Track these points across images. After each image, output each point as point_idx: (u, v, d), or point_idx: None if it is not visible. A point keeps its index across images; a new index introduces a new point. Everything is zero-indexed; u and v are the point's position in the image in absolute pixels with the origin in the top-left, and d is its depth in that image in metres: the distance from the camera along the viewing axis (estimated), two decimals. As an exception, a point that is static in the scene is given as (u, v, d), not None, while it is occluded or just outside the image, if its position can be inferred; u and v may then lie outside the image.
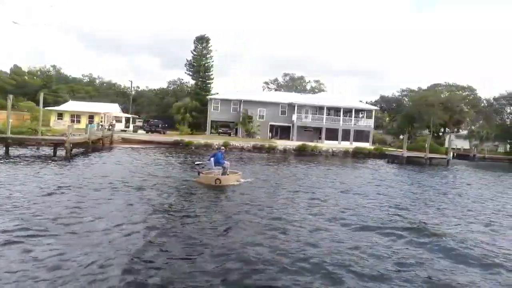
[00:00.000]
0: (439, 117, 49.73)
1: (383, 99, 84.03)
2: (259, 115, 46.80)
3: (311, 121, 46.60)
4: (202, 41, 51.69)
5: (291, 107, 46.69)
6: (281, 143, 38.34)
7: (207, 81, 53.51)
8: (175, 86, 73.73)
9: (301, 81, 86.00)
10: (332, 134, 45.65)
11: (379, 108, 72.08)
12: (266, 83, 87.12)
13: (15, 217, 7.83)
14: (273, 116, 47.45)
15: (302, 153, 35.15)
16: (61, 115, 45.68)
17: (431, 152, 36.00)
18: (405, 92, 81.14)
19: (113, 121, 44.30)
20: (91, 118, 45.27)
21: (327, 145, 40.46)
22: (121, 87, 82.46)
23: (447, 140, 45.92)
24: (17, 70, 70.92)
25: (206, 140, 36.22)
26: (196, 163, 17.26)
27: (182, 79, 72.20)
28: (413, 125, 53.35)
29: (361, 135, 46.07)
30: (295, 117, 45.80)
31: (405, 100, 78.36)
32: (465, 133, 54.50)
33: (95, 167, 16.89)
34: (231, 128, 46.92)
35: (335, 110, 48.11)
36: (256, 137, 43.55)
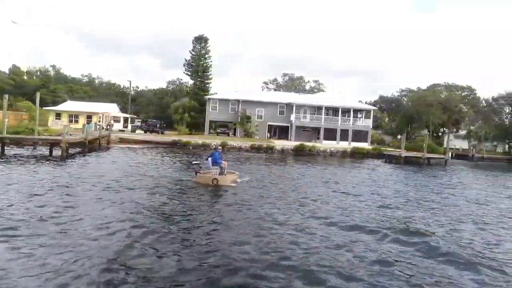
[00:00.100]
0: (437, 117, 49.68)
1: (382, 99, 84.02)
2: (258, 115, 46.75)
3: (309, 121, 46.58)
4: (200, 41, 51.67)
5: (290, 107, 46.66)
6: (279, 143, 38.33)
7: (206, 81, 53.50)
8: (174, 86, 73.82)
9: (300, 81, 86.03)
10: (330, 134, 45.63)
11: (378, 108, 72.07)
12: (265, 83, 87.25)
13: (1, 216, 7.81)
14: (271, 116, 47.41)
15: (300, 153, 35.13)
16: (59, 115, 45.69)
17: (430, 152, 35.94)
18: (404, 92, 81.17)
19: (111, 121, 44.35)
20: (89, 118, 45.25)
21: (325, 145, 40.45)
22: (121, 87, 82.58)
23: (446, 140, 45.87)
24: (15, 70, 70.98)
25: (204, 140, 36.22)
26: (193, 162, 17.26)
27: (181, 79, 72.35)
28: (412, 125, 53.29)
29: (359, 135, 46.04)
30: (293, 117, 45.77)
31: (404, 100, 78.34)
32: (464, 133, 54.42)
33: (90, 167, 16.88)
34: (229, 128, 46.88)
35: (333, 110, 48.09)
36: (254, 137, 43.49)
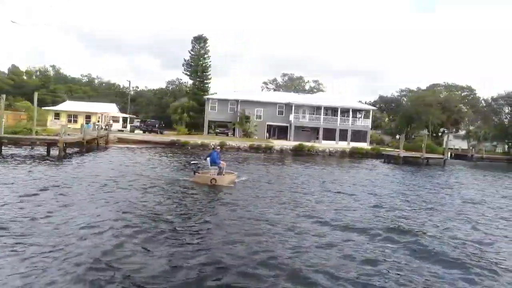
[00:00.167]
0: (437, 117, 49.61)
1: (382, 99, 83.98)
2: (257, 115, 46.69)
3: (308, 121, 46.56)
4: (199, 41, 51.62)
5: (289, 107, 46.62)
6: (278, 143, 38.30)
7: (205, 81, 53.46)
8: (174, 86, 73.80)
9: (300, 81, 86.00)
10: (329, 134, 45.59)
11: (378, 108, 72.02)
12: (265, 83, 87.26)
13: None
14: (270, 116, 47.37)
15: (299, 153, 35.09)
16: (58, 115, 45.71)
17: (429, 152, 35.89)
18: (404, 92, 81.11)
19: (110, 121, 44.34)
20: (88, 118, 45.26)
21: (324, 145, 40.43)
22: (120, 87, 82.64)
23: (445, 140, 45.81)
24: (15, 70, 71.04)
25: (202, 140, 36.22)
26: (192, 162, 17.26)
27: (181, 79, 72.31)
28: (411, 125, 53.23)
29: (358, 135, 46.01)
30: (292, 117, 45.74)
31: (404, 100, 78.28)
32: (464, 133, 54.35)
33: (86, 167, 16.86)
34: (229, 128, 46.85)
35: (332, 110, 48.06)
36: (253, 137, 43.45)
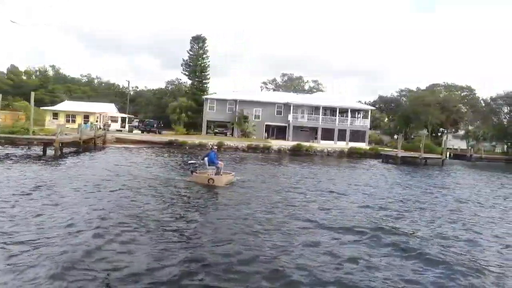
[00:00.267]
0: (435, 117, 49.51)
1: (381, 99, 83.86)
2: (255, 115, 46.64)
3: (307, 121, 46.48)
4: (198, 41, 51.62)
5: (287, 107, 46.55)
6: (276, 143, 38.24)
7: (204, 81, 53.48)
8: (173, 86, 73.72)
9: (299, 81, 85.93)
10: (328, 134, 45.52)
11: (377, 108, 71.88)
12: (264, 83, 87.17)
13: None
14: (269, 116, 47.31)
15: (297, 153, 35.02)
16: (56, 115, 45.68)
17: (429, 152, 35.84)
18: (403, 92, 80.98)
19: (109, 121, 44.33)
20: (86, 118, 45.26)
21: (322, 145, 40.37)
22: (120, 87, 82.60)
23: (444, 140, 45.76)
24: (14, 70, 71.07)
25: (200, 140, 36.18)
26: (189, 162, 17.22)
27: (180, 79, 72.16)
28: (410, 125, 53.13)
29: (357, 135, 45.94)
30: (291, 117, 45.68)
31: (403, 100, 78.17)
32: (463, 133, 54.27)
33: (81, 167, 16.79)
34: (228, 128, 46.80)
35: (331, 110, 48.01)
36: (252, 137, 43.42)
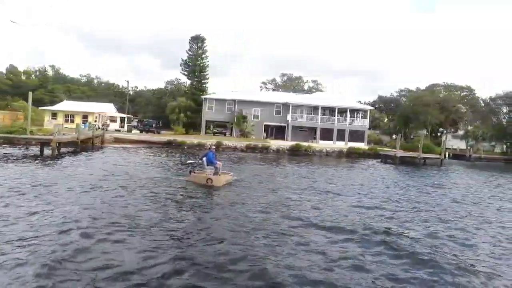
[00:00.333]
0: (435, 117, 49.44)
1: (381, 99, 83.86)
2: (254, 115, 46.62)
3: (306, 121, 46.44)
4: (197, 41, 51.59)
5: (286, 107, 46.53)
6: (274, 143, 38.21)
7: (203, 81, 53.46)
8: (173, 86, 73.75)
9: (298, 81, 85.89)
10: (327, 134, 45.49)
11: (377, 108, 71.84)
12: (263, 83, 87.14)
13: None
14: (268, 116, 47.28)
15: (295, 153, 34.97)
16: (55, 114, 45.69)
17: (428, 152, 35.79)
18: (403, 92, 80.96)
19: (108, 121, 44.34)
20: (85, 118, 45.27)
21: (321, 145, 40.33)
22: (119, 87, 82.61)
23: (443, 140, 45.71)
24: (13, 70, 71.07)
25: (199, 140, 36.16)
26: (188, 162, 17.19)
27: (179, 79, 72.17)
28: (409, 125, 53.07)
29: (356, 135, 45.90)
30: (289, 117, 45.65)
31: (403, 100, 78.14)
32: (462, 133, 54.19)
33: (77, 167, 16.76)
34: (227, 128, 46.77)
35: (330, 110, 47.99)
36: (250, 137, 43.40)
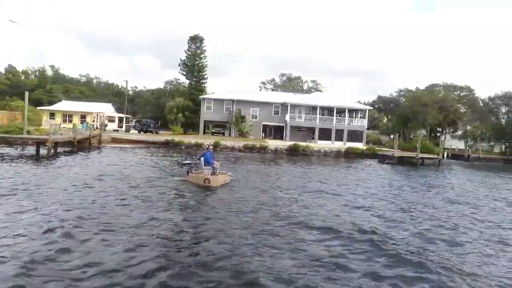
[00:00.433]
0: (433, 117, 49.32)
1: (380, 99, 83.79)
2: (252, 115, 46.56)
3: (304, 121, 46.37)
4: (196, 41, 51.55)
5: (284, 107, 46.47)
6: (272, 143, 38.14)
7: (201, 81, 53.43)
8: (172, 86, 73.75)
9: (298, 81, 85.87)
10: (325, 134, 45.44)
11: (376, 108, 71.73)
12: (263, 83, 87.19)
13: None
14: (266, 116, 47.22)
15: (293, 153, 34.90)
16: (53, 114, 45.66)
17: (427, 152, 35.72)
18: (402, 92, 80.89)
19: (106, 121, 44.30)
20: (83, 118, 45.26)
21: (319, 145, 40.27)
22: (119, 87, 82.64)
23: (441, 140, 45.60)
24: (11, 70, 71.07)
25: (197, 140, 36.10)
26: (185, 162, 17.15)
27: (178, 79, 72.19)
28: (408, 125, 52.96)
29: (354, 135, 45.83)
30: (288, 117, 45.60)
31: (402, 100, 78.08)
32: (461, 133, 54.08)
33: (73, 166, 16.71)
34: (225, 128, 46.70)
35: (328, 110, 47.93)
36: (249, 137, 43.35)
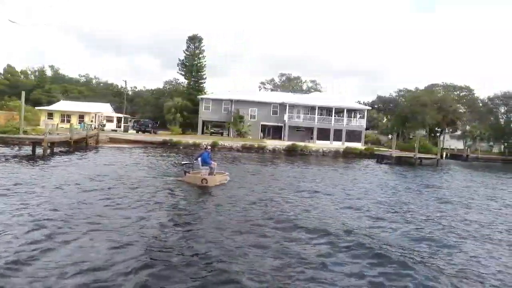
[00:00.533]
0: (432, 117, 49.24)
1: (380, 99, 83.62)
2: (251, 115, 46.50)
3: (302, 121, 46.34)
4: (194, 40, 51.51)
5: (283, 107, 46.43)
6: (271, 143, 38.09)
7: (200, 81, 53.40)
8: (171, 86, 73.73)
9: (297, 81, 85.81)
10: (324, 134, 45.40)
11: (376, 108, 71.62)
12: (262, 83, 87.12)
13: None
14: (264, 116, 47.17)
15: (292, 153, 34.84)
16: (51, 114, 45.64)
17: (426, 152, 35.65)
18: (402, 92, 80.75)
19: (104, 121, 44.26)
20: (81, 118, 45.24)
21: (318, 145, 40.22)
22: (118, 87, 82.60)
23: (440, 140, 45.55)
24: (10, 70, 71.03)
25: (195, 140, 36.07)
26: (182, 162, 17.09)
27: (177, 79, 72.15)
28: (407, 125, 52.88)
29: (353, 135, 45.78)
30: (286, 117, 45.55)
31: (401, 100, 77.95)
32: (460, 133, 53.99)
33: (68, 166, 16.66)
34: (224, 128, 46.65)
35: (327, 110, 47.87)
36: (247, 137, 43.29)
